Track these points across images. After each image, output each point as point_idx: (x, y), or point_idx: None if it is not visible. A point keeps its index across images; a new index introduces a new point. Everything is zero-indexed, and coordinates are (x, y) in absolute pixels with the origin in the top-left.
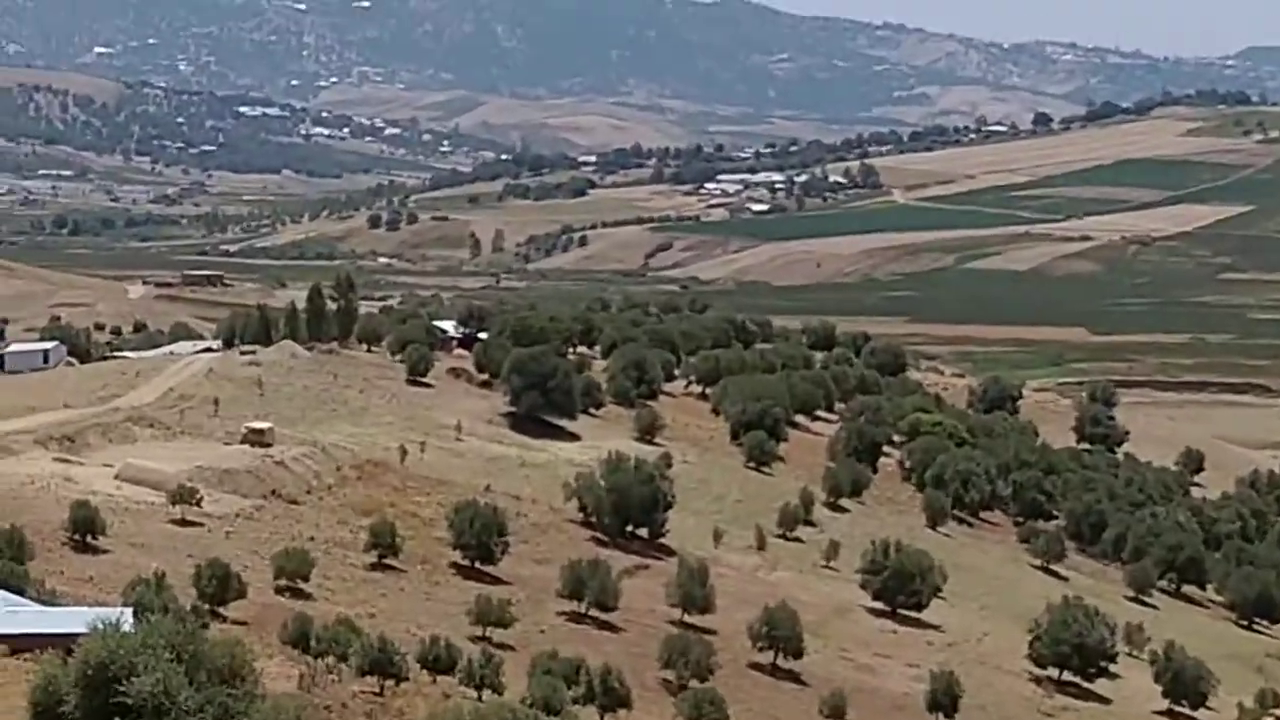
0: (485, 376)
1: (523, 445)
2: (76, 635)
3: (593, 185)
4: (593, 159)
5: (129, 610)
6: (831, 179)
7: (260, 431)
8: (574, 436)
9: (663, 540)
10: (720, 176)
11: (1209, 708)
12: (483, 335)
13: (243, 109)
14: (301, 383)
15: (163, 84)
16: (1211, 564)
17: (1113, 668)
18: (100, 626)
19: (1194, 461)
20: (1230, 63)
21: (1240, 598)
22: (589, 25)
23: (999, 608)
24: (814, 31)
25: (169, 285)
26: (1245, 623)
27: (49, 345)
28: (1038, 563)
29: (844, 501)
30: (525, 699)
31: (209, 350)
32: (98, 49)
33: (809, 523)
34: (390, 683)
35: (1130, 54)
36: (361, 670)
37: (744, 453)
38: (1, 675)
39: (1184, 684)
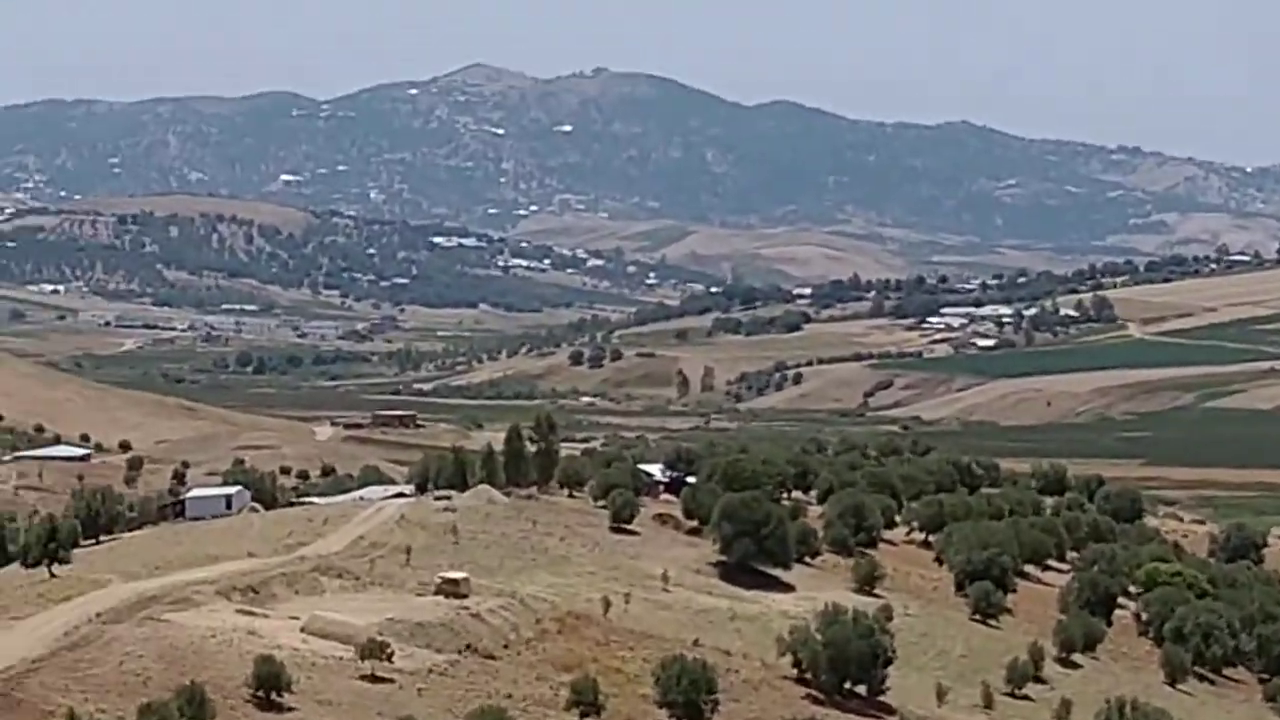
0: (694, 523)
1: (734, 596)
2: None
3: (808, 319)
4: (808, 291)
5: None
6: (1062, 312)
7: (455, 582)
8: (788, 587)
9: (883, 698)
10: (944, 310)
11: None
12: (691, 479)
13: (437, 239)
14: (499, 530)
15: (353, 213)
16: None
17: None
18: None
19: None
20: None
21: None
22: (804, 150)
23: None
24: (1044, 155)
25: (358, 426)
26: None
27: (232, 490)
28: None
29: (1076, 657)
30: None
31: (400, 495)
32: (284, 176)
33: (1039, 679)
34: None
35: None
36: None
37: (969, 604)
38: None
39: None
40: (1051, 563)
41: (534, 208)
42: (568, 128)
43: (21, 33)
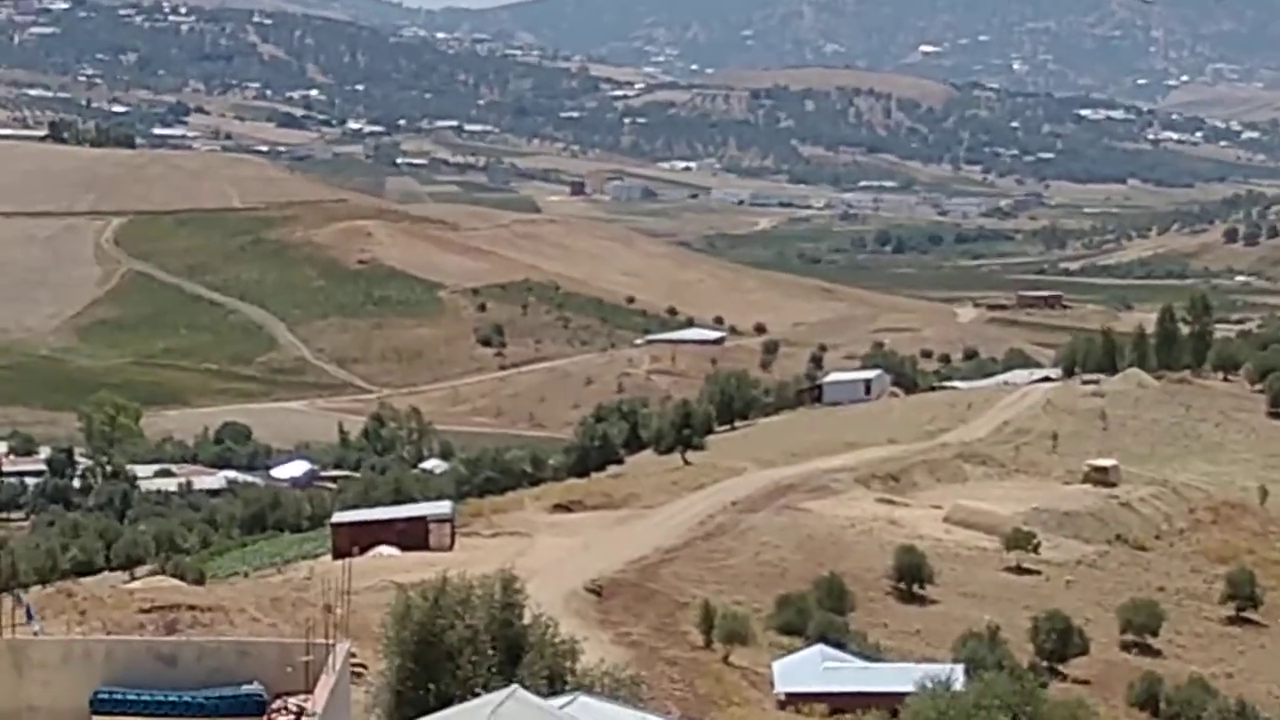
0: None
1: None
2: (903, 694)
3: None
4: None
5: (960, 667)
6: None
7: (1104, 470)
8: None
9: None
10: None
11: None
12: None
13: (1083, 112)
14: (1150, 415)
15: (995, 85)
16: None
17: None
18: (929, 685)
19: None
20: None
21: None
22: None
23: None
24: None
25: (1002, 308)
26: None
27: (871, 374)
28: None
29: None
30: None
31: (1046, 380)
32: (923, 48)
33: None
34: None
35: None
36: None
37: None
38: None
39: None
40: None
41: (1184, 78)
42: None
43: None
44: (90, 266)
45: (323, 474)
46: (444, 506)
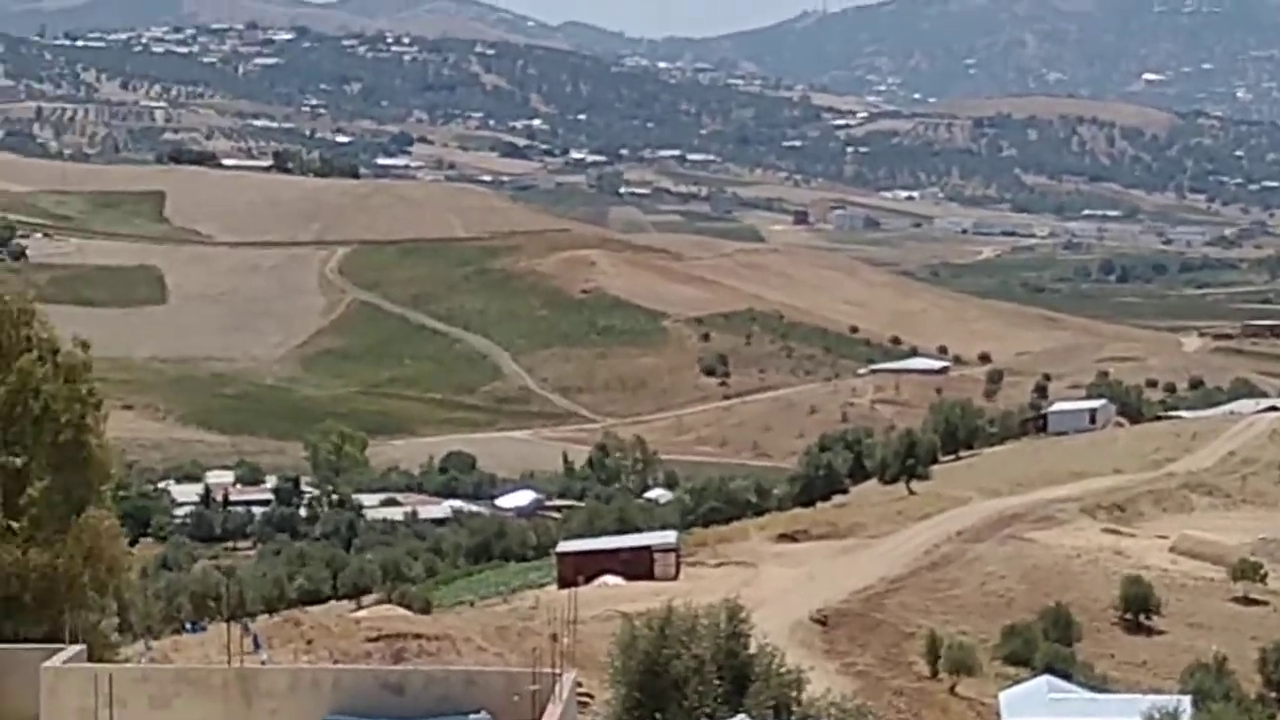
0: None
1: None
2: None
3: None
4: None
5: (1187, 699)
6: None
7: None
8: None
9: None
10: None
11: None
12: None
13: None
14: None
15: (1219, 113)
16: None
17: None
18: (1156, 716)
19: None
20: None
21: None
22: None
23: None
24: None
25: (1228, 337)
26: None
27: (1096, 404)
28: None
29: None
30: None
31: (1273, 409)
32: (1146, 76)
33: None
34: None
35: None
36: None
37: None
38: None
39: None
40: None
41: None
42: None
43: None
44: (315, 296)
45: (548, 503)
46: (669, 536)
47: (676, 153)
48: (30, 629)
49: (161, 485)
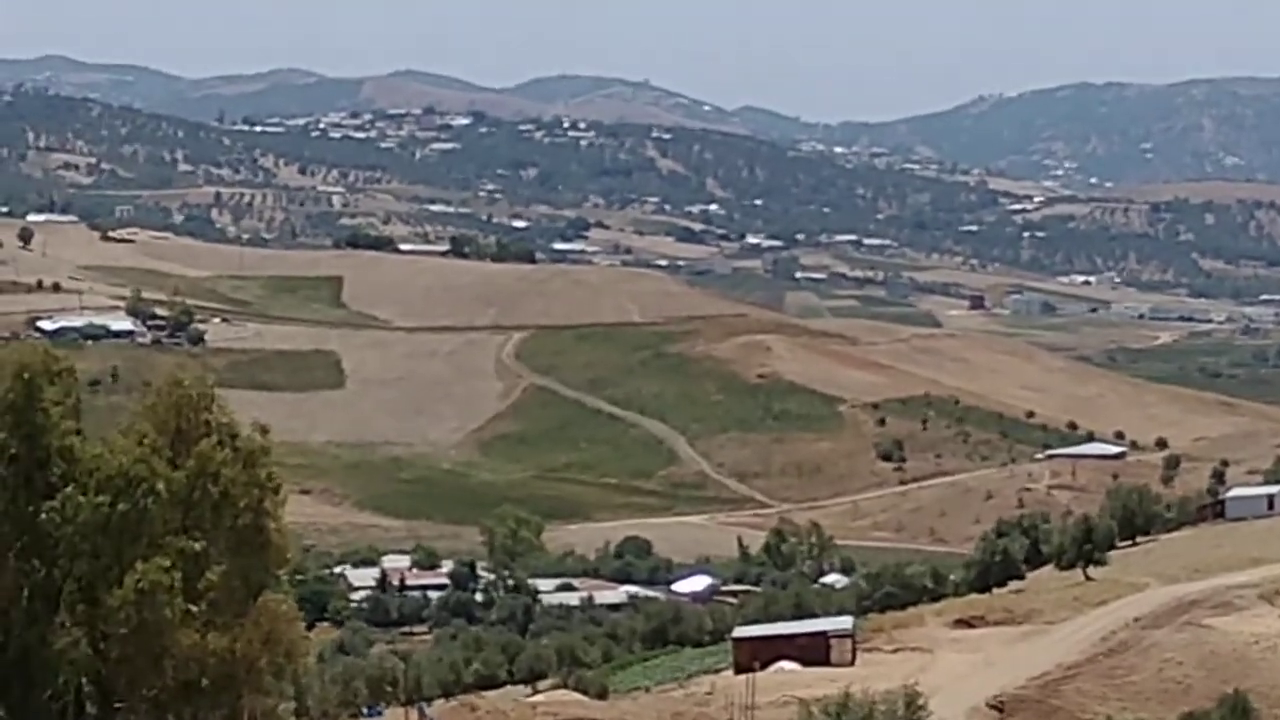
0: None
1: None
2: None
3: None
4: None
5: None
6: None
7: None
8: None
9: None
10: None
11: None
12: None
13: None
14: None
15: None
16: None
17: None
18: None
19: None
20: None
21: None
22: None
23: None
24: None
25: None
26: None
27: (1275, 490)
28: None
29: None
30: None
31: None
32: None
33: None
34: None
35: None
36: None
37: None
38: None
39: None
40: None
41: None
42: None
43: (1048, 16)
44: (492, 381)
45: (723, 588)
46: (845, 621)
47: (853, 237)
48: (208, 713)
49: (338, 570)
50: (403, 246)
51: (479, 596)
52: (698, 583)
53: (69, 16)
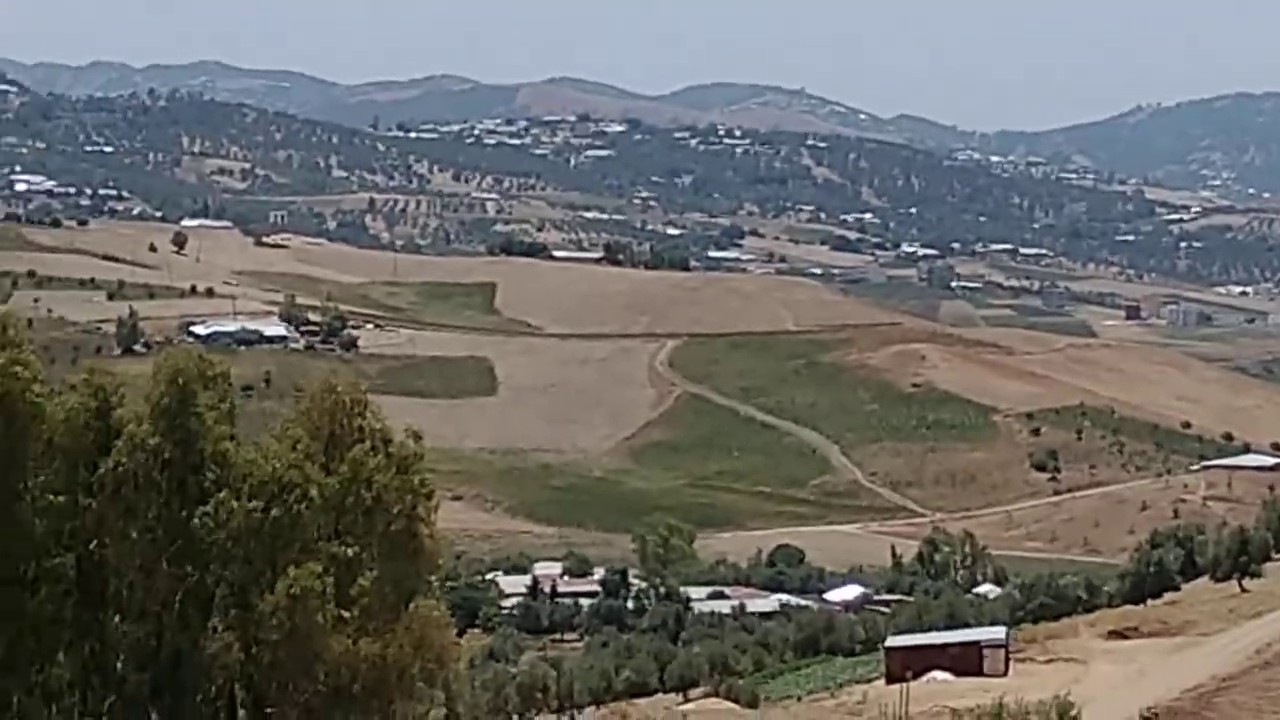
0: None
1: None
2: None
3: None
4: None
5: None
6: None
7: None
8: None
9: None
10: None
11: None
12: None
13: None
14: None
15: None
16: None
17: None
18: None
19: None
20: None
21: None
22: None
23: None
24: None
25: None
26: None
27: None
28: None
29: None
30: None
31: None
32: None
33: None
34: None
35: None
36: None
37: None
38: None
39: None
40: None
41: None
42: None
43: (1206, 26)
44: (644, 388)
45: (876, 598)
46: (998, 632)
47: (1008, 246)
48: (359, 719)
49: (489, 576)
50: (556, 253)
51: (630, 604)
52: (850, 592)
53: (225, 23)
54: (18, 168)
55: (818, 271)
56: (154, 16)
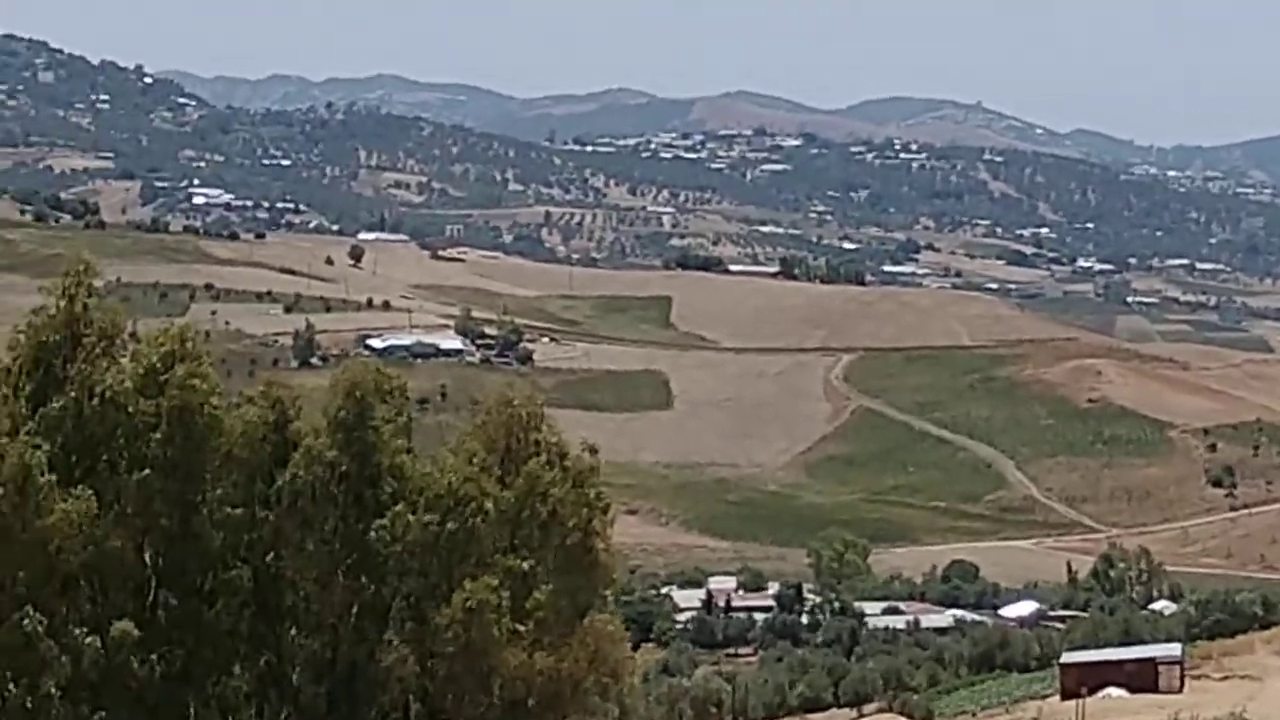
0: None
1: None
2: None
3: None
4: None
5: None
6: None
7: None
8: None
9: None
10: None
11: None
12: None
13: None
14: None
15: None
16: None
17: None
18: None
19: None
20: None
21: None
22: None
23: None
24: None
25: None
26: None
27: None
28: None
29: None
30: None
31: None
32: None
33: None
34: None
35: None
36: None
37: None
38: None
39: None
40: None
41: None
42: None
43: None
44: (820, 403)
45: (1051, 614)
46: (1173, 648)
47: (1185, 262)
48: None
49: (664, 590)
50: (732, 267)
51: (804, 619)
52: (1024, 607)
53: (403, 36)
54: (196, 181)
55: (993, 286)
56: (332, 30)
